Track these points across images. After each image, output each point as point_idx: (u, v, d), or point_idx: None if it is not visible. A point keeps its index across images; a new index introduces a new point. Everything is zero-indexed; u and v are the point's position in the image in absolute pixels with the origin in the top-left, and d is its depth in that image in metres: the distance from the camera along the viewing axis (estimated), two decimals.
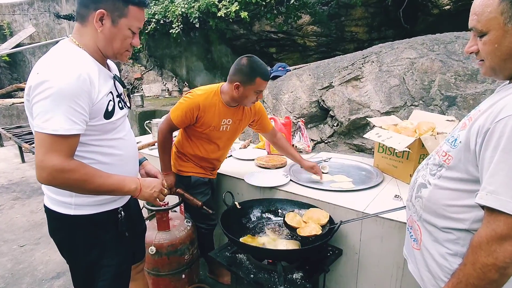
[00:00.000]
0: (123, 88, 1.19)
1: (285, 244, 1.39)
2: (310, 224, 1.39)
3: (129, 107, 1.22)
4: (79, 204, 1.08)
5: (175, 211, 1.99)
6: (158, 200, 1.18)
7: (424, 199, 0.90)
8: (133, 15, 1.02)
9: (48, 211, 1.13)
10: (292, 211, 1.52)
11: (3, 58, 9.43)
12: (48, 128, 0.90)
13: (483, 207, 0.72)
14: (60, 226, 1.13)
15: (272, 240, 1.45)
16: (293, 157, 1.93)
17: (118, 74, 1.20)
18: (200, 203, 1.69)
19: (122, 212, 1.19)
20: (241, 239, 1.42)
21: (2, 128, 6.01)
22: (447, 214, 0.84)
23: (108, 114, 1.05)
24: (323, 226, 1.40)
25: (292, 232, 1.41)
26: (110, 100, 1.06)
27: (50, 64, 0.95)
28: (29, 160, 5.22)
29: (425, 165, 0.97)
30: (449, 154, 0.84)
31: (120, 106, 1.13)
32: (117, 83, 1.13)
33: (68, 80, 0.92)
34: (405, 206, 1.25)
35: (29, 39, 10.22)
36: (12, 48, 9.32)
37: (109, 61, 1.16)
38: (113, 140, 1.11)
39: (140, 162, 1.35)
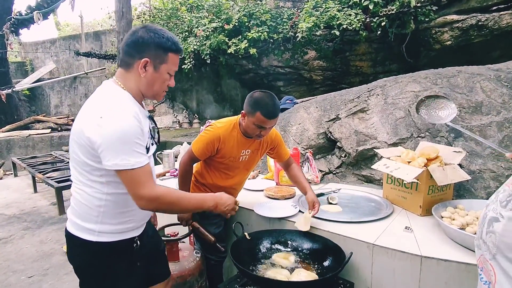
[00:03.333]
0: (155, 125, 1.30)
1: (301, 274, 1.37)
2: (414, 162, 1.70)
3: (158, 143, 1.30)
4: (102, 231, 1.15)
5: (184, 242, 1.99)
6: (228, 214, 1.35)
7: (497, 234, 0.84)
8: (171, 61, 1.16)
9: (70, 236, 1.19)
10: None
11: (24, 92, 9.94)
12: (127, 165, 1.04)
13: None
14: (80, 252, 1.20)
15: (282, 269, 1.43)
16: (301, 187, 1.88)
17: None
18: (213, 239, 1.70)
19: (138, 242, 1.25)
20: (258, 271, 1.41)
21: (17, 159, 6.19)
22: None
23: (147, 150, 1.16)
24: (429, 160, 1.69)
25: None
26: (149, 138, 1.18)
27: (109, 107, 1.07)
28: (41, 190, 5.31)
29: (495, 198, 0.92)
30: None
31: (152, 142, 1.23)
32: (150, 121, 1.25)
33: (128, 121, 1.05)
34: None
35: (49, 74, 10.81)
36: (32, 83, 9.85)
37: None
38: None
39: None
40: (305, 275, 1.37)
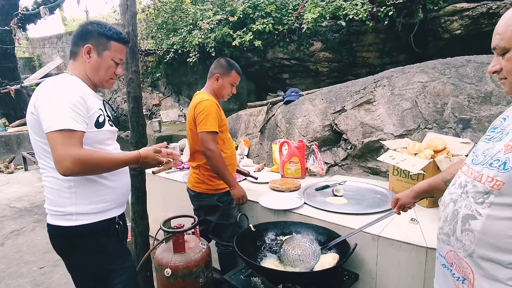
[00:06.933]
0: (113, 112, 1.35)
1: (324, 259, 1.40)
2: (421, 154, 1.71)
3: (118, 128, 1.35)
4: (79, 213, 1.17)
5: (189, 233, 2.01)
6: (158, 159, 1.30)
7: (477, 233, 0.81)
8: (115, 48, 1.26)
9: (50, 228, 1.22)
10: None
11: (32, 87, 10.05)
12: (57, 126, 1.05)
13: None
14: (64, 241, 1.21)
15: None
16: None
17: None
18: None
19: (120, 222, 1.29)
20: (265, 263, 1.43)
21: (27, 153, 6.31)
22: None
23: (99, 125, 1.20)
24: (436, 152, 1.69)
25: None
26: (100, 115, 1.22)
27: (51, 84, 1.14)
28: None
29: (463, 194, 0.88)
30: (497, 179, 0.79)
31: (110, 124, 1.28)
32: (107, 106, 1.31)
33: (67, 91, 1.12)
34: (389, 210, 1.30)
35: (57, 69, 10.90)
36: (40, 78, 9.94)
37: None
38: (103, 150, 1.24)
39: None
40: (329, 259, 1.40)
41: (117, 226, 1.27)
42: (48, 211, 1.22)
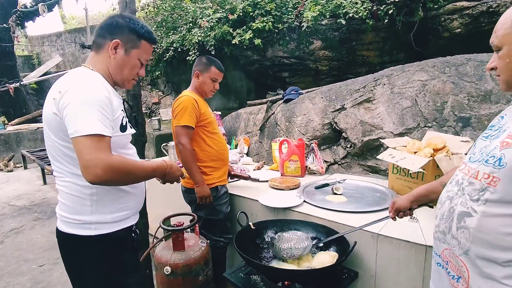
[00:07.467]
0: (132, 111, 1.30)
1: (321, 256, 1.41)
2: (421, 152, 1.70)
3: (136, 129, 1.30)
4: (99, 222, 1.08)
5: (188, 231, 2.01)
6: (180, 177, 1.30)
7: (472, 230, 0.81)
8: (143, 48, 1.17)
9: (64, 236, 1.10)
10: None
11: (31, 85, 10.03)
12: (86, 130, 0.95)
13: None
14: (80, 251, 1.10)
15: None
16: None
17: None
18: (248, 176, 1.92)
19: (137, 230, 1.25)
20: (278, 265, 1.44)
21: (27, 151, 6.30)
22: (507, 244, 0.76)
23: (123, 128, 1.13)
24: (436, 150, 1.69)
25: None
26: (124, 116, 1.15)
27: (75, 81, 1.03)
28: (50, 182, 5.40)
29: (459, 191, 0.88)
30: (493, 176, 0.79)
31: (130, 126, 1.21)
32: (126, 105, 1.24)
33: (95, 91, 1.02)
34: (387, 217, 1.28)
35: (56, 67, 10.88)
36: (39, 76, 9.93)
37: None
38: (125, 155, 1.16)
39: None
40: (327, 257, 1.39)
41: (133, 234, 1.21)
42: (62, 218, 1.11)
